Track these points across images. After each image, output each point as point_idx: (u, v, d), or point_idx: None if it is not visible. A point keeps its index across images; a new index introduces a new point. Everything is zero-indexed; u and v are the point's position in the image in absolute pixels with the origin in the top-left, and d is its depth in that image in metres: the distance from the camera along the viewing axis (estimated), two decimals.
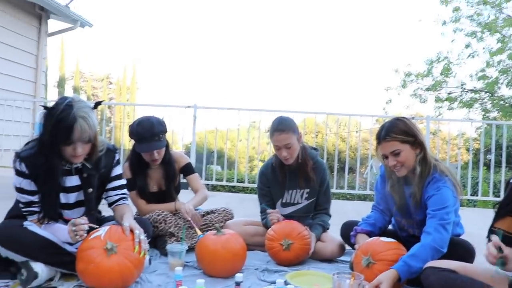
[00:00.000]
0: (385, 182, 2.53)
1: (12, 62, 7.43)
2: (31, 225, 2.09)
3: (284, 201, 2.95)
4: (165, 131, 2.91)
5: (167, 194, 3.03)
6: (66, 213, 2.22)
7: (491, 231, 1.69)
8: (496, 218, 1.71)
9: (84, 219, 2.05)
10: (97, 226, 2.12)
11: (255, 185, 3.06)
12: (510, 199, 1.70)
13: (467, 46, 15.38)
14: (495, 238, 1.66)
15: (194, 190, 3.13)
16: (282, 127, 2.75)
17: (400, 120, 2.34)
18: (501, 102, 15.40)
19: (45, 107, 2.05)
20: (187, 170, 3.13)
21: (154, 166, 2.96)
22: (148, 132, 2.79)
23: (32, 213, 2.12)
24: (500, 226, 1.67)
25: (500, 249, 1.63)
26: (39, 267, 2.01)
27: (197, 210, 2.99)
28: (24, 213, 2.13)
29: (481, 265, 1.92)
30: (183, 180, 3.16)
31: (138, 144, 2.85)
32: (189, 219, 2.79)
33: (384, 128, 2.30)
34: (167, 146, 2.94)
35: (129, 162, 2.97)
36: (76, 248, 2.07)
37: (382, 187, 2.56)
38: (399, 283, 2.02)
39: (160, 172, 3.00)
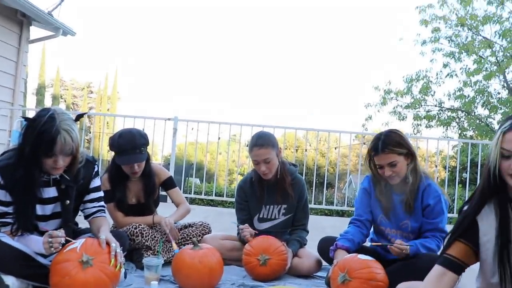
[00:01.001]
0: (369, 194, 2.63)
1: None
2: (3, 236, 2.04)
3: (261, 216, 2.95)
4: (147, 144, 2.90)
5: (146, 207, 3.01)
6: (42, 225, 2.19)
7: (443, 257, 1.67)
8: (447, 245, 1.71)
9: (61, 232, 2.01)
10: (74, 240, 2.08)
11: (234, 199, 3.07)
12: (458, 225, 1.71)
13: (445, 65, 15.73)
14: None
15: (176, 204, 3.12)
16: (261, 141, 2.77)
17: (395, 132, 2.49)
18: (477, 122, 15.74)
19: (26, 118, 2.02)
20: (169, 184, 3.12)
21: (134, 178, 2.94)
22: (129, 144, 2.77)
23: (5, 224, 2.07)
24: (451, 252, 1.65)
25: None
26: (10, 280, 1.96)
27: (175, 224, 2.97)
28: None
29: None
30: (162, 193, 3.15)
31: (119, 156, 2.82)
32: (167, 231, 2.77)
33: (381, 141, 2.41)
34: (147, 159, 2.92)
35: (108, 174, 2.93)
36: (50, 261, 2.03)
37: (366, 197, 2.64)
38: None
39: (139, 184, 2.98)
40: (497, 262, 1.59)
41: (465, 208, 1.69)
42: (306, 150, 7.55)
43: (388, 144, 2.40)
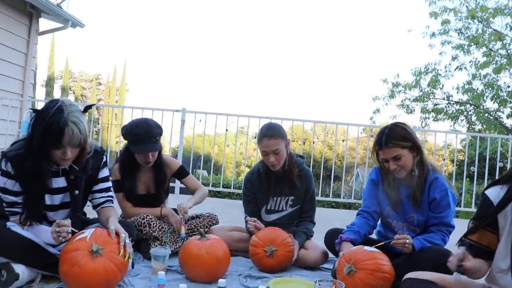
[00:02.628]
0: (376, 185, 2.64)
1: (0, 59, 7.37)
2: (14, 225, 2.07)
3: (268, 207, 2.96)
4: (161, 134, 2.93)
5: (156, 197, 3.04)
6: (50, 215, 2.22)
7: (462, 241, 1.77)
8: (470, 231, 1.78)
9: (68, 222, 2.03)
10: (77, 231, 2.10)
11: (241, 191, 3.08)
12: (482, 213, 1.76)
13: (453, 58, 15.58)
14: (460, 250, 1.77)
15: (193, 190, 3.15)
16: (271, 132, 2.78)
17: (399, 125, 2.48)
18: (486, 115, 15.61)
19: (34, 110, 2.04)
20: (182, 173, 3.16)
21: (145, 168, 2.96)
22: (145, 133, 2.80)
23: (14, 213, 2.11)
24: (472, 238, 1.76)
25: (460, 261, 1.71)
26: (20, 269, 1.99)
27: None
28: (6, 213, 2.11)
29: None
30: (171, 184, 3.17)
31: (134, 145, 2.83)
32: (181, 216, 2.79)
33: (385, 135, 2.42)
34: (160, 149, 2.95)
35: (119, 163, 2.96)
36: (59, 250, 2.06)
37: (374, 189, 2.65)
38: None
39: (150, 175, 3.00)
40: (510, 246, 1.63)
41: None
42: (313, 142, 7.55)
43: (392, 138, 2.40)
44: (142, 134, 2.80)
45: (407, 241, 2.31)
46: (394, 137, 2.40)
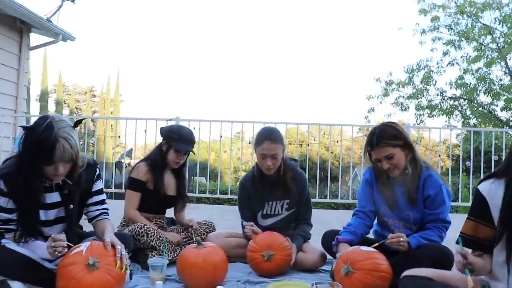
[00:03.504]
0: (371, 185, 2.66)
1: None
2: (9, 243, 2.06)
3: (264, 212, 2.97)
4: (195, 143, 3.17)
5: (179, 199, 3.19)
6: (46, 230, 2.21)
7: (460, 237, 1.79)
8: (465, 226, 1.81)
9: (63, 236, 2.03)
10: (73, 245, 2.09)
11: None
12: (475, 207, 1.79)
13: (444, 54, 15.66)
14: (458, 247, 1.76)
15: None
16: (273, 137, 2.80)
17: (389, 125, 2.52)
18: (480, 109, 15.68)
19: (24, 127, 2.04)
20: None
21: (168, 171, 3.10)
22: (189, 136, 3.07)
23: (9, 230, 2.10)
24: (468, 232, 1.78)
25: (465, 257, 1.70)
26: (17, 286, 1.98)
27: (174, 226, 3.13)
28: (1, 230, 2.10)
29: (457, 271, 1.97)
30: None
31: (178, 143, 2.99)
32: (196, 226, 3.03)
33: (376, 135, 2.45)
34: (187, 157, 3.16)
35: (151, 162, 3.05)
36: (56, 265, 2.05)
37: (369, 188, 2.67)
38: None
39: (172, 178, 3.15)
40: (505, 241, 1.65)
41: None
42: (308, 144, 7.55)
43: (383, 137, 2.43)
44: (187, 136, 3.05)
45: (401, 239, 2.32)
46: (385, 136, 2.43)
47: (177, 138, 2.99)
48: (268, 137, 2.80)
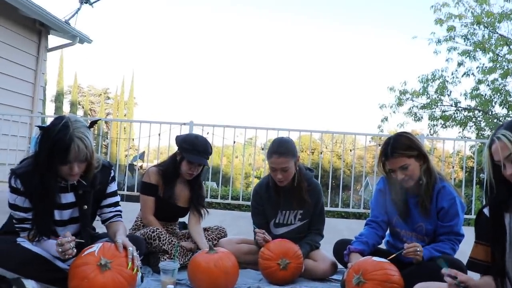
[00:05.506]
0: (384, 195, 2.63)
1: (10, 76, 7.47)
2: (24, 241, 2.09)
3: (277, 221, 2.95)
4: (211, 155, 3.07)
5: (186, 210, 3.12)
6: (60, 230, 2.23)
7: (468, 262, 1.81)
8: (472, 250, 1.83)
9: (68, 235, 2.03)
10: (83, 240, 2.12)
11: (250, 203, 3.09)
12: (480, 230, 1.79)
13: (460, 64, 15.50)
14: (444, 270, 1.77)
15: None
16: (282, 150, 2.74)
17: (403, 135, 2.48)
18: (495, 121, 15.49)
19: (40, 127, 2.07)
20: None
21: (180, 181, 3.04)
22: (203, 147, 2.94)
23: (24, 229, 2.12)
24: (471, 255, 1.79)
25: (455, 278, 1.71)
26: (30, 284, 2.01)
27: (185, 231, 3.12)
28: (17, 229, 2.13)
29: None
30: None
31: (189, 154, 2.90)
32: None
33: (390, 145, 2.42)
34: (202, 168, 3.05)
35: (162, 169, 3.02)
36: (69, 265, 2.07)
37: (382, 198, 2.65)
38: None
39: (185, 189, 3.08)
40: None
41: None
42: (321, 152, 7.54)
43: (397, 148, 2.40)
44: (200, 146, 2.92)
45: (418, 249, 2.30)
46: (399, 147, 2.40)
47: (190, 149, 2.91)
48: (277, 150, 2.74)
